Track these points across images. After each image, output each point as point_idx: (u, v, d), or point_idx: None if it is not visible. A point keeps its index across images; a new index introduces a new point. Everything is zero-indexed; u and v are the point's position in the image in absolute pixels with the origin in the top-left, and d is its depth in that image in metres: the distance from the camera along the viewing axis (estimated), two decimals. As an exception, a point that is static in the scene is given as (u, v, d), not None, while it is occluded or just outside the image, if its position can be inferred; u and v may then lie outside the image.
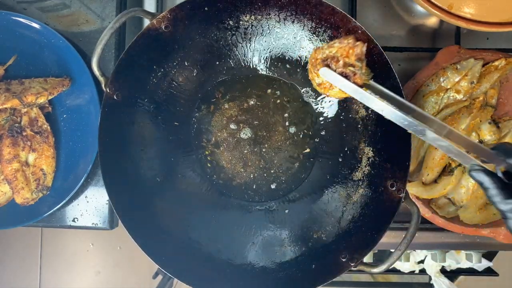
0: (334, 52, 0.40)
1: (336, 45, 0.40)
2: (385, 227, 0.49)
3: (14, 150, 0.60)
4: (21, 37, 0.63)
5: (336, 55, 0.40)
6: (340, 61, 0.40)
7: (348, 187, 0.57)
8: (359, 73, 0.40)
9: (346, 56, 0.40)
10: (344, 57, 0.40)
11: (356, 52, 0.39)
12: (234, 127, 0.62)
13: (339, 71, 0.40)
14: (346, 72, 0.40)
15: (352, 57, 0.40)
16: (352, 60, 0.40)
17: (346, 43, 0.40)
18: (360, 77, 0.40)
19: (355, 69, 0.40)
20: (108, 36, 0.50)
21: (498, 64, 0.59)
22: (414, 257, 0.78)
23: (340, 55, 0.40)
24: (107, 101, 0.52)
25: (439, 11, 0.54)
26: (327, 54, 0.40)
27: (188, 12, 0.53)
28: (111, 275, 1.40)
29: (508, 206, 0.36)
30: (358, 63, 0.40)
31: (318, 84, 0.43)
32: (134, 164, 0.56)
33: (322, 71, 0.41)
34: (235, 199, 0.61)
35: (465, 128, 0.57)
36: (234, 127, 0.62)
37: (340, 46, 0.40)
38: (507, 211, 0.37)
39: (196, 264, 0.54)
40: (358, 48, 0.39)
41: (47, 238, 1.40)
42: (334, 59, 0.40)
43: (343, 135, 0.59)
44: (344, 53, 0.40)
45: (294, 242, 0.57)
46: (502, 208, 0.37)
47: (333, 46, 0.40)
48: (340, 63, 0.40)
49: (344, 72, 0.40)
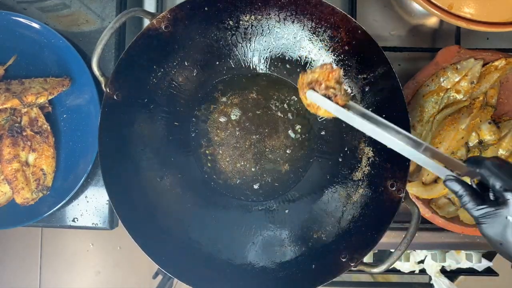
0: (317, 76, 0.44)
1: (317, 70, 0.45)
2: (385, 227, 0.49)
3: (14, 150, 0.60)
4: (21, 37, 0.63)
5: (319, 79, 0.44)
6: (322, 84, 0.44)
7: (348, 187, 0.57)
8: (339, 95, 0.44)
9: (327, 79, 0.44)
10: (325, 81, 0.44)
11: (334, 76, 0.44)
12: (234, 127, 0.62)
13: (322, 93, 0.44)
14: (328, 94, 0.44)
15: (332, 81, 0.44)
16: (332, 83, 0.44)
17: (325, 68, 0.44)
18: (340, 98, 0.44)
19: (335, 91, 0.44)
20: (108, 36, 0.50)
21: (498, 64, 0.59)
22: (414, 257, 0.78)
23: (322, 79, 0.44)
24: (107, 101, 0.52)
25: (439, 11, 0.54)
26: (311, 79, 0.45)
27: (188, 12, 0.53)
28: (111, 275, 1.40)
29: (480, 211, 0.39)
30: (337, 85, 0.44)
31: (308, 104, 0.47)
32: (134, 164, 0.56)
33: (308, 94, 0.45)
34: (235, 199, 0.61)
35: (465, 128, 0.57)
36: (234, 127, 0.62)
37: (321, 71, 0.44)
38: (479, 216, 0.39)
39: (196, 264, 0.54)
40: (335, 72, 0.44)
41: (47, 238, 1.40)
42: (317, 83, 0.44)
43: (343, 135, 0.59)
44: (325, 77, 0.44)
45: (294, 242, 0.57)
46: (474, 213, 0.39)
47: (315, 71, 0.45)
48: (323, 86, 0.44)
49: (326, 94, 0.44)
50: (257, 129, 0.61)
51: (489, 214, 0.38)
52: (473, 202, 0.39)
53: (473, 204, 0.39)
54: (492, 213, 0.38)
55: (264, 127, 0.61)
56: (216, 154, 0.62)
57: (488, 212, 0.38)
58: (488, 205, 0.39)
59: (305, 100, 0.47)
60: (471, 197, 0.40)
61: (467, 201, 0.40)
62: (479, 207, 0.39)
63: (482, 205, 0.39)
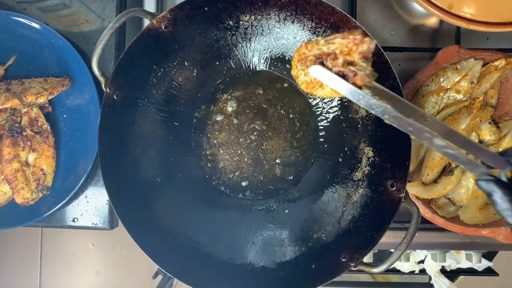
0: (334, 48, 0.35)
1: (337, 41, 0.35)
2: (385, 227, 0.49)
3: (14, 150, 0.60)
4: (21, 37, 0.63)
5: (335, 52, 0.35)
6: (339, 59, 0.35)
7: (348, 187, 0.57)
8: (361, 74, 0.35)
9: (347, 53, 0.35)
10: (345, 55, 0.35)
11: (362, 49, 0.34)
12: (234, 127, 0.62)
13: (336, 70, 0.35)
14: (344, 71, 0.35)
15: (355, 55, 0.35)
16: (355, 58, 0.35)
17: (351, 39, 0.35)
18: (361, 78, 0.35)
19: (356, 68, 0.35)
20: (108, 36, 0.50)
21: (498, 64, 0.59)
22: (414, 257, 0.78)
23: (340, 51, 0.35)
24: (107, 101, 0.52)
25: (439, 11, 0.54)
26: (323, 51, 0.36)
27: (188, 12, 0.53)
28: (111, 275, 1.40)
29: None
30: (363, 62, 0.35)
31: (304, 81, 0.38)
32: (134, 164, 0.56)
33: (315, 69, 0.36)
34: (235, 199, 0.61)
35: (465, 128, 0.57)
36: (234, 127, 0.62)
37: (342, 42, 0.35)
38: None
39: (196, 264, 0.54)
40: (365, 44, 0.34)
41: (47, 238, 1.40)
42: (331, 56, 0.35)
43: (343, 135, 0.59)
44: (345, 50, 0.35)
45: (294, 242, 0.57)
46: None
47: (333, 42, 0.35)
48: (339, 61, 0.35)
49: (341, 71, 0.35)
50: (257, 129, 0.61)
51: None
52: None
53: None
54: None
55: (264, 127, 0.61)
56: (216, 154, 0.62)
57: None
58: None
59: (301, 75, 0.38)
60: (510, 203, 0.34)
61: (505, 208, 0.34)
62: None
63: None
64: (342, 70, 0.35)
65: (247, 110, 0.62)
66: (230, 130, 0.62)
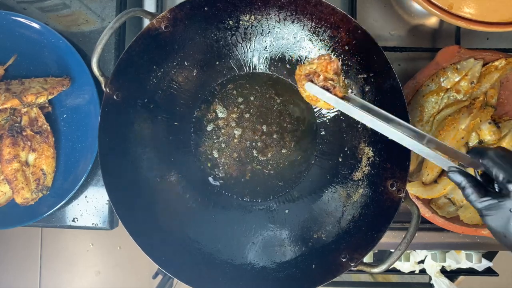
0: (315, 68, 0.44)
1: (315, 62, 0.44)
2: (385, 227, 0.49)
3: (14, 150, 0.60)
4: (21, 37, 0.63)
5: (317, 70, 0.44)
6: (320, 76, 0.43)
7: (348, 187, 0.57)
8: (338, 87, 0.43)
9: (325, 71, 0.43)
10: (324, 72, 0.43)
11: (333, 67, 0.43)
12: (234, 127, 0.62)
13: (321, 85, 0.44)
14: (327, 85, 0.43)
15: (331, 72, 0.43)
16: (331, 74, 0.43)
17: (323, 59, 0.43)
18: (339, 90, 0.43)
19: (334, 82, 0.43)
20: (108, 36, 0.50)
21: (498, 64, 0.59)
22: (414, 257, 0.78)
23: (320, 70, 0.43)
24: (107, 101, 0.52)
25: (439, 11, 0.54)
26: (309, 70, 0.44)
27: (188, 12, 0.53)
28: (111, 275, 1.40)
29: (483, 204, 0.38)
30: (336, 77, 0.43)
31: (307, 96, 0.46)
32: (134, 164, 0.56)
33: (307, 86, 0.44)
34: (235, 199, 0.61)
35: (465, 128, 0.57)
36: (234, 127, 0.62)
37: (319, 62, 0.43)
38: (483, 208, 0.38)
39: (196, 264, 0.54)
40: (334, 63, 0.43)
41: (47, 238, 1.40)
42: (316, 74, 0.44)
43: (343, 135, 0.59)
44: (323, 68, 0.43)
45: (294, 242, 0.57)
46: (477, 206, 0.39)
47: (313, 63, 0.44)
48: (321, 78, 0.43)
49: (325, 85, 0.43)
50: (257, 129, 0.61)
51: (493, 206, 0.38)
52: (476, 194, 0.39)
53: (476, 196, 0.38)
54: (496, 205, 0.37)
55: (263, 126, 0.61)
56: (215, 154, 0.62)
57: (492, 204, 0.38)
58: (492, 197, 0.38)
59: (303, 92, 0.46)
60: (474, 188, 0.39)
61: (470, 193, 0.39)
62: (482, 199, 0.38)
63: (485, 197, 0.38)
64: (324, 84, 0.44)
65: (247, 110, 0.62)
66: (230, 130, 0.62)
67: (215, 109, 0.62)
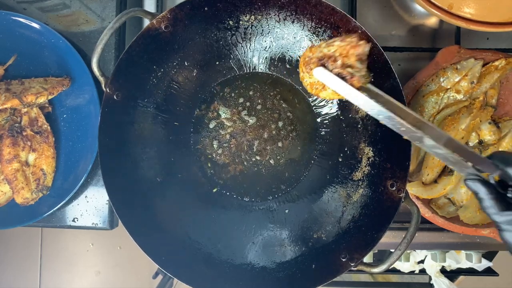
0: (333, 50, 0.38)
1: (336, 44, 0.38)
2: (385, 227, 0.49)
3: (14, 150, 0.60)
4: (21, 37, 0.63)
5: (335, 54, 0.38)
6: (338, 61, 0.37)
7: (348, 187, 0.57)
8: (358, 75, 0.37)
9: (345, 55, 0.37)
10: (343, 57, 0.37)
11: (357, 51, 0.37)
12: (234, 127, 0.62)
13: (336, 72, 0.37)
14: (343, 73, 0.37)
15: (352, 58, 0.37)
16: (352, 60, 0.37)
17: (348, 42, 0.37)
18: (358, 79, 0.37)
19: (353, 70, 0.37)
20: (108, 36, 0.50)
21: (498, 64, 0.59)
22: (414, 257, 0.78)
23: (339, 54, 0.37)
24: (107, 101, 0.52)
25: (439, 11, 0.54)
26: (325, 53, 0.38)
27: (188, 12, 0.53)
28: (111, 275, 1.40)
29: (503, 218, 0.35)
30: (359, 64, 0.37)
31: (309, 83, 0.40)
32: (134, 164, 0.56)
33: (317, 71, 0.38)
34: (235, 199, 0.61)
35: (465, 128, 0.57)
36: (234, 127, 0.62)
37: (341, 45, 0.37)
38: (502, 222, 0.36)
39: (196, 264, 0.54)
40: (360, 47, 0.37)
41: (47, 238, 1.40)
42: (331, 59, 0.38)
43: (343, 135, 0.59)
44: (344, 52, 0.37)
45: (294, 242, 0.57)
46: (496, 219, 0.36)
47: (332, 45, 0.38)
48: (338, 63, 0.37)
49: (341, 73, 0.37)
50: (257, 129, 0.61)
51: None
52: (496, 207, 0.36)
53: (497, 208, 0.36)
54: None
55: (264, 126, 0.61)
56: (215, 154, 0.62)
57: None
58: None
59: (306, 78, 0.40)
60: (494, 201, 0.36)
61: (489, 205, 0.36)
62: (503, 212, 0.35)
63: (507, 210, 0.35)
64: (341, 72, 0.37)
65: (247, 110, 0.62)
66: (230, 130, 0.62)
67: (216, 109, 0.62)
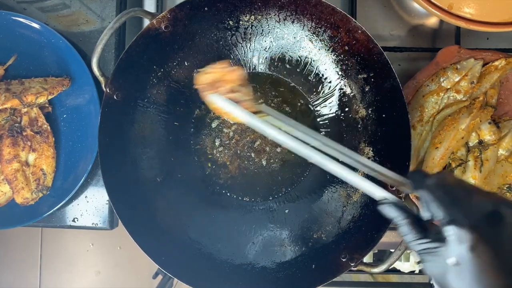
0: (218, 76, 0.36)
1: (216, 70, 0.36)
2: (385, 227, 0.49)
3: (14, 150, 0.60)
4: (21, 37, 0.63)
5: (222, 79, 0.36)
6: (227, 86, 0.36)
7: (348, 187, 0.57)
8: (245, 100, 0.36)
9: (230, 80, 0.36)
10: (230, 82, 0.36)
11: (233, 77, 0.36)
12: (234, 127, 0.62)
13: (227, 97, 0.36)
14: (232, 98, 0.36)
15: (234, 82, 0.36)
16: (236, 84, 0.36)
17: (222, 67, 0.36)
18: (246, 104, 0.35)
19: (240, 95, 0.36)
20: (108, 36, 0.50)
21: (498, 64, 0.59)
22: (414, 257, 0.78)
23: (223, 79, 0.36)
24: (107, 101, 0.52)
25: (439, 11, 0.54)
26: (212, 79, 0.37)
27: (188, 12, 0.53)
28: (111, 275, 1.40)
29: (420, 246, 0.31)
30: (241, 88, 0.36)
31: (215, 109, 0.38)
32: (134, 164, 0.56)
33: (211, 97, 0.36)
34: (235, 199, 0.61)
35: (465, 128, 0.57)
36: (234, 127, 0.62)
37: (220, 70, 0.36)
38: (420, 252, 0.31)
39: (196, 264, 0.54)
40: (235, 72, 0.35)
41: (47, 238, 1.40)
42: (221, 83, 0.36)
43: (343, 135, 0.59)
44: (227, 77, 0.36)
45: (294, 242, 0.57)
46: (414, 248, 0.31)
47: (214, 70, 0.36)
48: (224, 88, 0.36)
49: (230, 98, 0.36)
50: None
51: (430, 251, 0.30)
52: (413, 234, 0.31)
53: (413, 236, 0.31)
54: (433, 251, 0.30)
55: (264, 127, 0.61)
56: (216, 154, 0.62)
57: (429, 249, 0.30)
58: (431, 240, 0.30)
59: (210, 104, 0.38)
60: (411, 226, 0.32)
61: (406, 231, 0.32)
62: (419, 241, 0.31)
63: (423, 239, 0.31)
64: (230, 97, 0.35)
65: (247, 110, 0.62)
66: (230, 130, 0.62)
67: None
